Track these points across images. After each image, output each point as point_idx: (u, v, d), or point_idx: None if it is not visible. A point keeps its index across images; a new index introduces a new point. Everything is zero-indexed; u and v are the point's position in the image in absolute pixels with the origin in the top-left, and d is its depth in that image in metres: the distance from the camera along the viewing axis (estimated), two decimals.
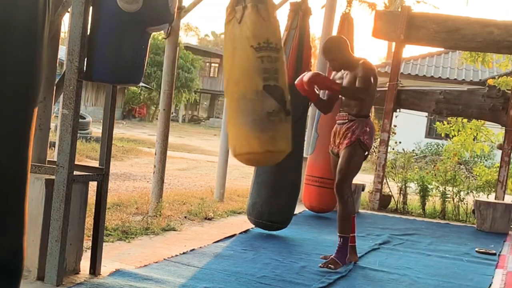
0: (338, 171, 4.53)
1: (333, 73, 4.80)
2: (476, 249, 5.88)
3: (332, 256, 4.49)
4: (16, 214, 2.11)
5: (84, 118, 15.55)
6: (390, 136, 8.70)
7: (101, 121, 3.98)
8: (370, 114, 4.71)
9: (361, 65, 4.50)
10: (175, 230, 5.33)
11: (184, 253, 4.48)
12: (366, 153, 4.62)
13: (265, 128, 4.00)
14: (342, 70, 4.67)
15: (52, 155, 5.90)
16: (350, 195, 4.52)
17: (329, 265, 4.41)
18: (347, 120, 4.60)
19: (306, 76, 4.45)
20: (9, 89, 2.03)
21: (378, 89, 8.78)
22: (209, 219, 6.11)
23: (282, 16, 5.85)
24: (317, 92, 4.61)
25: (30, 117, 2.11)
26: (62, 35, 4.10)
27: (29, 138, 2.12)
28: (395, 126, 8.99)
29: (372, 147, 4.85)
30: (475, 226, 7.57)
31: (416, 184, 8.83)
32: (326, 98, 4.78)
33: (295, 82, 4.54)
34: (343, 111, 4.67)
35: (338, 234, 4.53)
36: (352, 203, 4.54)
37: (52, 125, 5.35)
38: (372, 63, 4.65)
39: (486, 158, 15.88)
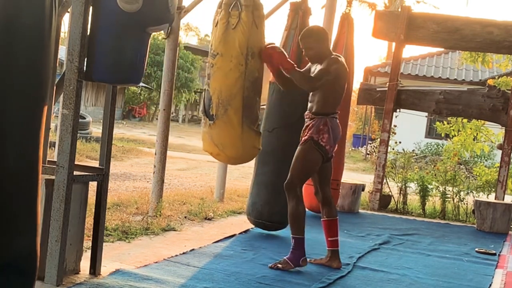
0: (290, 169, 4.36)
1: (309, 64, 4.54)
2: (476, 249, 5.88)
3: (285, 257, 4.34)
4: (29, 215, 2.11)
5: (84, 118, 15.54)
6: (390, 136, 8.70)
7: (101, 121, 3.98)
8: (335, 112, 4.38)
9: (328, 59, 4.33)
10: (175, 230, 5.33)
11: (184, 253, 4.49)
12: (324, 155, 4.33)
13: (202, 128, 4.36)
14: (316, 64, 4.42)
15: (52, 155, 5.90)
16: (300, 194, 4.32)
17: (278, 265, 4.29)
18: (308, 118, 4.42)
19: (267, 47, 4.17)
20: (18, 90, 2.03)
21: (378, 89, 8.91)
22: (209, 219, 6.11)
23: (282, 16, 5.87)
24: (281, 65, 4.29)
25: (39, 118, 2.11)
26: (62, 35, 4.10)
27: (40, 138, 2.12)
28: (395, 126, 8.98)
29: (332, 148, 4.38)
30: (475, 226, 7.57)
31: (416, 184, 8.82)
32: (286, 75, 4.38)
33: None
34: (308, 108, 4.47)
35: (291, 235, 4.36)
36: (302, 202, 4.34)
37: (52, 125, 5.35)
38: (342, 60, 4.37)
39: (486, 158, 15.89)
